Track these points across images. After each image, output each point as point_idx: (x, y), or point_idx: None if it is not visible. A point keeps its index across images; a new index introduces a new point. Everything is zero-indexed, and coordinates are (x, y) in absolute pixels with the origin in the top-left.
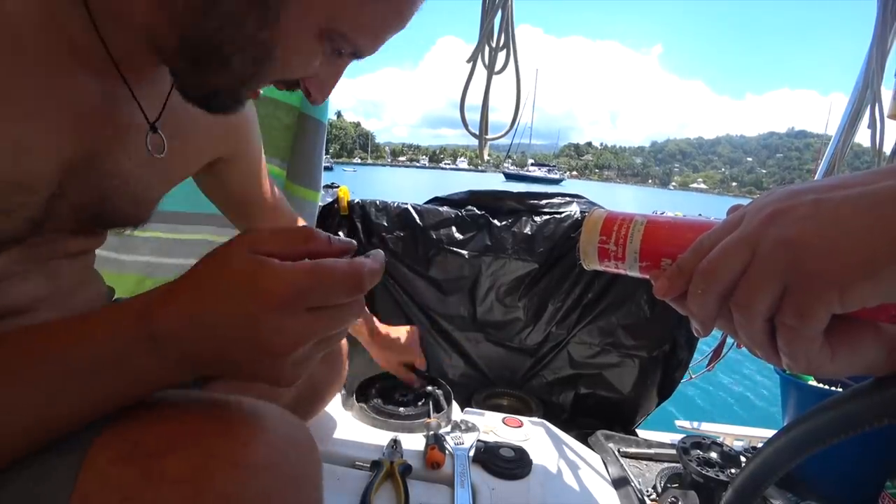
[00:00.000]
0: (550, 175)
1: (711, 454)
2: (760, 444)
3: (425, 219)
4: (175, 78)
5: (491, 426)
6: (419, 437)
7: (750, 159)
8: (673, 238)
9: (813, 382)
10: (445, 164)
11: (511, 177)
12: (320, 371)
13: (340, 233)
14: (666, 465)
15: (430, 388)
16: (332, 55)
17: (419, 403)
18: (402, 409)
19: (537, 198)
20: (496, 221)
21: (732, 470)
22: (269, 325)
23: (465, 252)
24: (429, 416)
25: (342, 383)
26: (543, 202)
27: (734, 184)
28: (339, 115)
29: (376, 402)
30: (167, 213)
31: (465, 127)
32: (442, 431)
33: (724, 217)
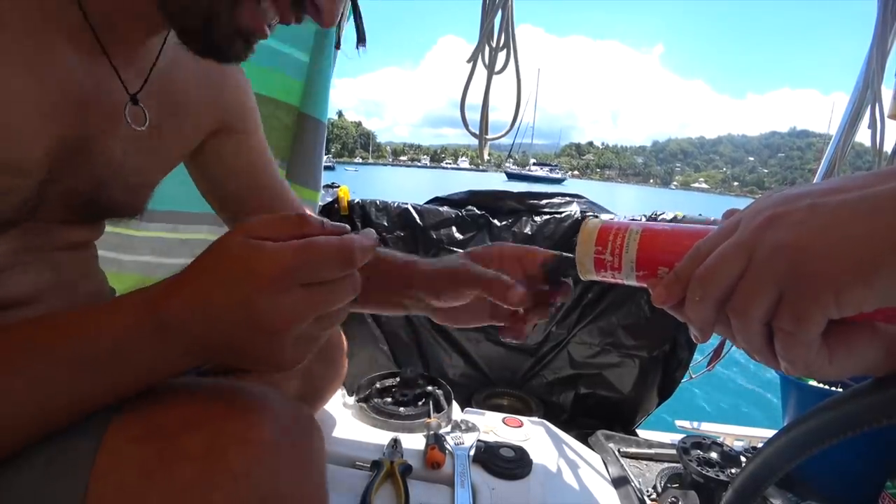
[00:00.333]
0: (553, 174)
1: (711, 454)
2: (760, 444)
3: (425, 219)
4: (167, 16)
5: (491, 426)
6: (419, 436)
7: (752, 159)
8: (669, 246)
9: (813, 382)
10: (447, 163)
11: (513, 176)
12: (320, 369)
13: None
14: (666, 465)
15: (430, 388)
16: None
17: (419, 403)
18: (402, 408)
19: (537, 198)
20: (496, 221)
21: (732, 470)
22: (264, 304)
23: None
24: (429, 416)
25: (342, 381)
26: (543, 202)
27: (736, 183)
28: (340, 114)
29: (376, 401)
30: (167, 212)
31: (466, 127)
32: (442, 431)
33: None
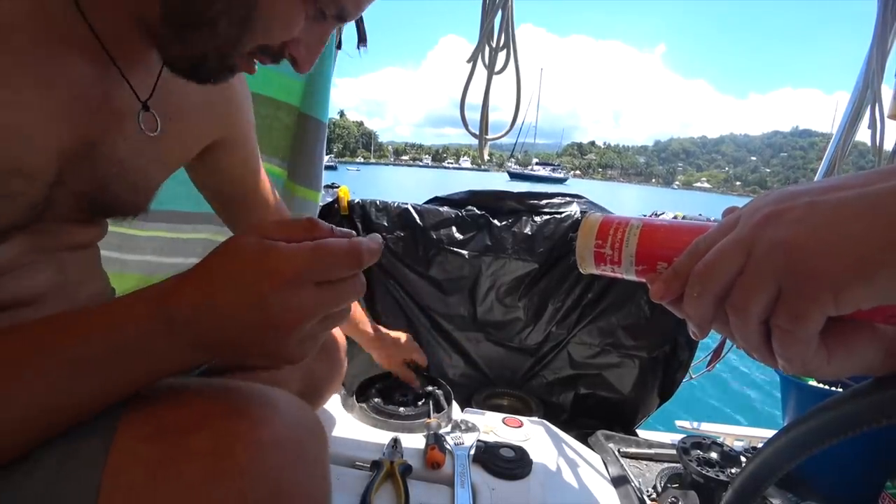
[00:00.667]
0: (555, 174)
1: (711, 454)
2: (760, 444)
3: (425, 219)
4: (161, 49)
5: (491, 426)
6: (419, 437)
7: (754, 158)
8: (669, 241)
9: (813, 382)
10: (448, 163)
11: (515, 176)
12: (320, 368)
13: None
14: (666, 465)
15: (430, 388)
16: (315, 17)
17: (419, 403)
18: (402, 409)
19: (537, 198)
20: (496, 221)
21: (732, 470)
22: (277, 301)
23: (465, 252)
24: (429, 416)
25: (341, 380)
26: (543, 202)
27: (738, 183)
28: (341, 114)
29: (376, 402)
30: (169, 212)
31: (466, 127)
32: (442, 431)
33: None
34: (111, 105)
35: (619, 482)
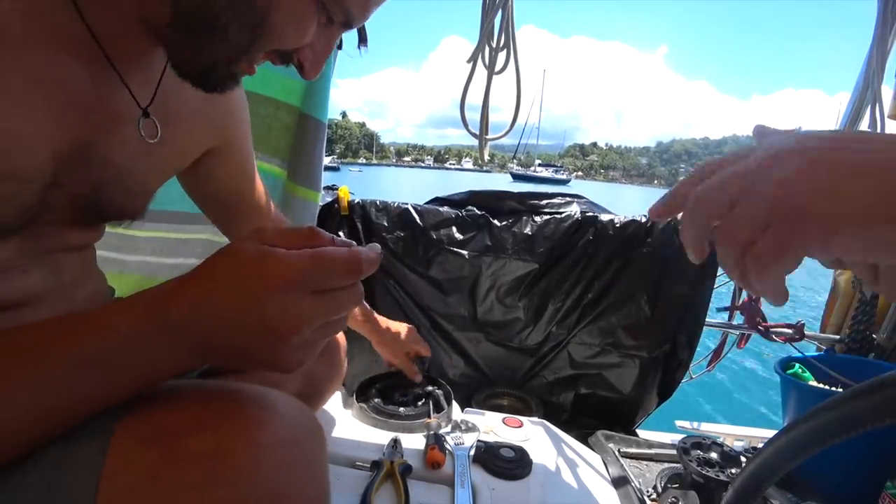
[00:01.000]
0: (558, 175)
1: (711, 454)
2: (760, 445)
3: (425, 219)
4: (170, 54)
5: (491, 426)
6: (419, 437)
7: None
8: None
9: (813, 383)
10: (450, 164)
11: (518, 177)
12: (320, 368)
13: (340, 233)
14: (666, 465)
15: (430, 388)
16: (323, 24)
17: (419, 403)
18: (402, 409)
19: (537, 198)
20: (496, 221)
21: (732, 470)
22: (275, 307)
23: (465, 252)
24: (429, 416)
25: (341, 380)
26: (544, 202)
27: None
28: (343, 115)
29: (376, 402)
30: (169, 212)
31: (466, 127)
32: (442, 431)
33: None
34: (108, 108)
35: (619, 482)
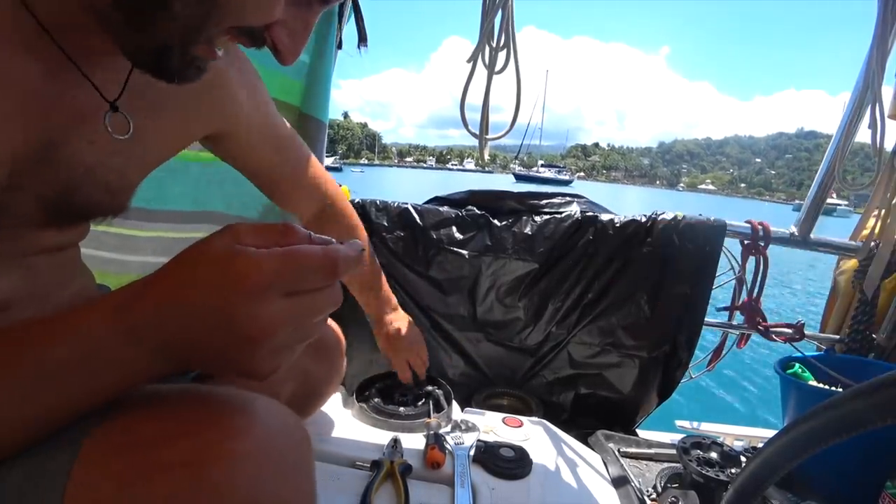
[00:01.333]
0: (561, 176)
1: (711, 454)
2: (760, 444)
3: (425, 219)
4: (120, 42)
5: (491, 426)
6: (419, 436)
7: (759, 160)
8: None
9: (813, 383)
10: (452, 164)
11: (521, 178)
12: (317, 368)
13: None
14: (666, 465)
15: (430, 388)
16: (298, 2)
17: (419, 403)
18: (402, 408)
19: (537, 198)
20: (496, 221)
21: (732, 470)
22: (244, 309)
23: (465, 252)
24: (429, 416)
25: (340, 381)
26: (543, 202)
27: (743, 185)
28: (345, 115)
29: (376, 401)
30: (170, 212)
31: (466, 127)
32: (442, 431)
33: (727, 217)
34: (70, 104)
35: (619, 482)
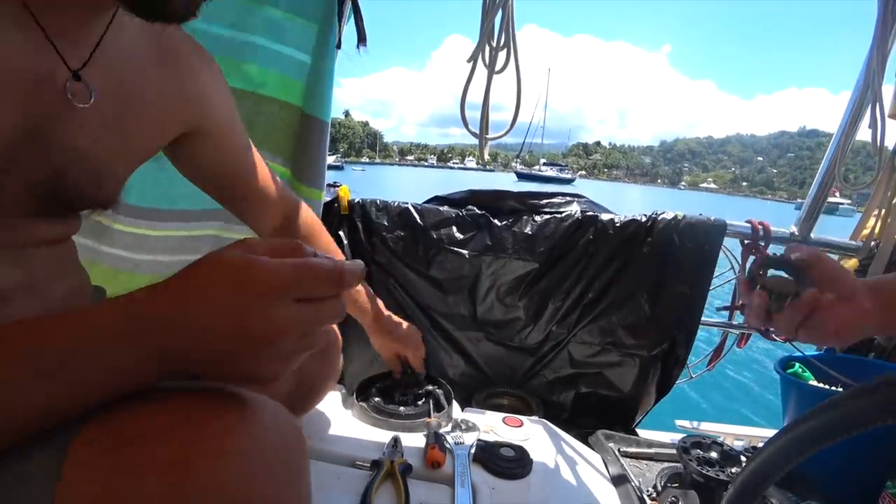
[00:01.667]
0: (563, 175)
1: (711, 454)
2: (761, 444)
3: (426, 218)
4: None
5: (491, 425)
6: (419, 436)
7: (760, 159)
8: None
9: (813, 382)
10: (454, 163)
11: (523, 176)
12: (314, 366)
13: (341, 232)
14: (666, 464)
15: (430, 388)
16: None
17: (419, 403)
18: (402, 408)
19: (538, 197)
20: (496, 221)
21: (732, 470)
22: (257, 312)
23: (465, 252)
24: (429, 416)
25: (337, 378)
26: (544, 202)
27: (745, 184)
28: (347, 114)
29: (376, 401)
30: (181, 211)
31: (466, 126)
32: (442, 431)
33: (728, 216)
34: (46, 80)
35: (619, 482)
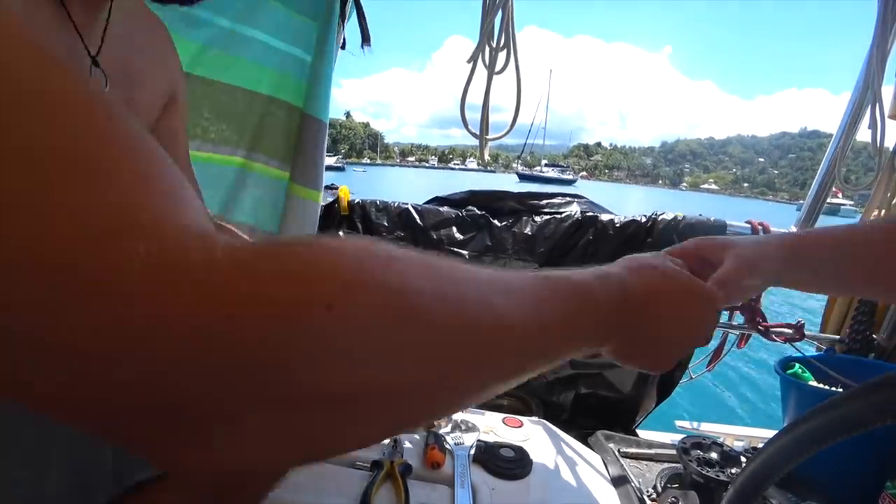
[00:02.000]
0: (564, 175)
1: (711, 454)
2: (760, 445)
3: (425, 219)
4: None
5: (491, 426)
6: (419, 436)
7: (762, 160)
8: None
9: (813, 383)
10: (455, 164)
11: (524, 177)
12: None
13: (341, 233)
14: (666, 465)
15: None
16: None
17: None
18: None
19: (537, 198)
20: (496, 221)
21: (732, 470)
22: (706, 318)
23: (465, 252)
24: None
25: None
26: (544, 202)
27: (746, 184)
28: (347, 115)
29: None
30: None
31: (466, 127)
32: (442, 431)
33: (730, 217)
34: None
35: (619, 482)
